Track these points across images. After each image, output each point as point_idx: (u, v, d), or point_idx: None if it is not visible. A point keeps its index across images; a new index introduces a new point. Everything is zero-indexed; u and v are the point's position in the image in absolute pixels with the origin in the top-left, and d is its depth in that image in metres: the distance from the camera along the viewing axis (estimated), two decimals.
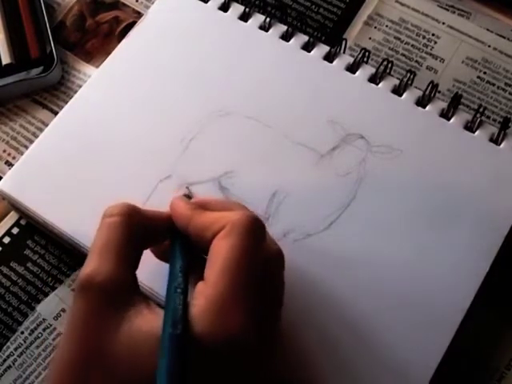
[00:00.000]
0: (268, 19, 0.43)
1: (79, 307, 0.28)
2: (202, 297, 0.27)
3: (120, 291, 0.28)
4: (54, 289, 0.39)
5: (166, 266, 0.31)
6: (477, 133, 0.39)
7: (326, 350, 0.34)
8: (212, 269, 0.28)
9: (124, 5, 0.48)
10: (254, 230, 0.29)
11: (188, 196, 0.36)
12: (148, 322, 0.27)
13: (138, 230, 0.30)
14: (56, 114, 0.43)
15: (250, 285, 0.28)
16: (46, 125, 0.42)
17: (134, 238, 0.30)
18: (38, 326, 0.38)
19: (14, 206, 0.40)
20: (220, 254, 0.28)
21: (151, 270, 0.33)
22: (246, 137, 0.40)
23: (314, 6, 0.47)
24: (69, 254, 0.40)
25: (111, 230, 0.30)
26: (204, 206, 0.32)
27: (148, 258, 0.32)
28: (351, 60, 0.42)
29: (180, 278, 0.29)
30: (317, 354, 0.34)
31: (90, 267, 0.28)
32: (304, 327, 0.34)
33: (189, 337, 0.26)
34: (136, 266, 0.30)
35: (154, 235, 0.32)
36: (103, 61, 0.43)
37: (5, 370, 0.37)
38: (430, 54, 0.45)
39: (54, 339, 0.38)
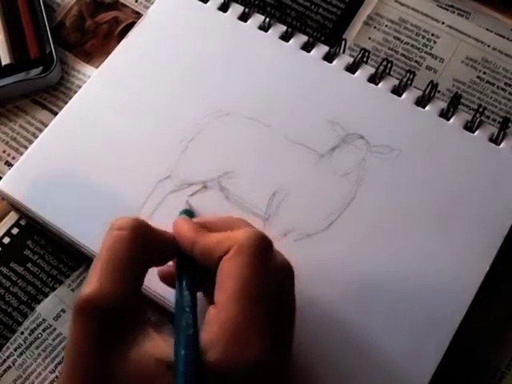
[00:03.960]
0: (267, 19, 0.43)
1: (81, 332, 0.26)
2: (215, 322, 0.26)
3: (126, 314, 0.27)
4: (53, 289, 0.39)
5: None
6: (476, 133, 0.39)
7: (325, 348, 0.34)
8: (222, 292, 0.27)
9: (123, 5, 0.48)
10: (262, 249, 0.28)
11: (189, 211, 0.36)
12: (158, 347, 0.26)
13: (147, 247, 0.29)
14: (56, 114, 0.43)
15: (263, 305, 0.27)
16: (46, 125, 0.42)
17: (141, 254, 0.29)
18: (38, 326, 0.38)
19: (14, 206, 0.40)
20: (229, 276, 0.27)
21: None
22: (245, 137, 0.40)
23: (313, 6, 0.47)
24: (68, 255, 0.40)
25: (118, 245, 0.28)
26: (207, 226, 0.31)
27: None
28: (351, 60, 0.42)
29: (188, 297, 0.28)
30: (315, 353, 0.34)
31: (91, 286, 0.27)
32: (303, 325, 0.34)
33: (204, 362, 0.25)
34: (141, 285, 0.29)
35: (161, 254, 0.31)
36: (103, 61, 0.43)
37: (5, 371, 0.37)
38: (430, 54, 0.45)
39: (53, 339, 0.38)
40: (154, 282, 0.32)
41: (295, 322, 0.30)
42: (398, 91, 0.41)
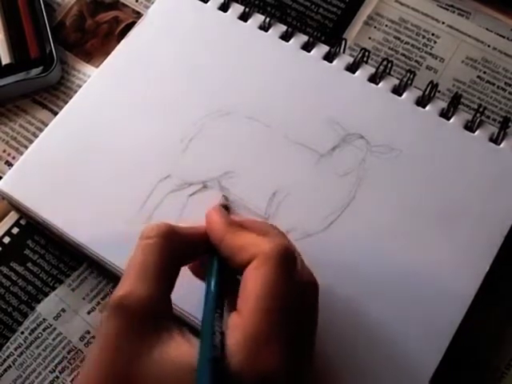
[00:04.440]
0: (268, 19, 0.43)
1: (110, 328, 0.28)
2: (237, 330, 0.27)
3: (154, 315, 0.28)
4: (54, 289, 0.39)
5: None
6: (477, 132, 0.39)
7: (327, 348, 0.34)
8: (245, 301, 0.28)
9: (124, 5, 0.48)
10: (286, 262, 0.29)
11: (225, 206, 0.36)
12: (183, 350, 0.27)
13: (176, 251, 0.30)
14: (56, 114, 0.43)
15: (282, 321, 0.27)
16: (46, 125, 0.42)
17: (171, 260, 0.30)
18: (38, 325, 0.38)
19: (14, 205, 0.41)
20: (252, 287, 0.28)
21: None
22: (245, 137, 0.40)
23: (313, 6, 0.47)
24: (69, 254, 0.40)
25: (148, 253, 0.29)
26: (239, 223, 0.32)
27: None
28: (351, 60, 0.42)
29: (216, 300, 0.29)
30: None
31: (124, 288, 0.28)
32: None
33: (225, 369, 0.26)
34: (171, 290, 0.30)
35: (192, 253, 0.32)
36: (103, 61, 0.43)
37: (5, 370, 0.37)
38: (430, 54, 0.45)
39: (53, 339, 0.38)
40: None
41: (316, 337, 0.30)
42: (398, 91, 0.41)
